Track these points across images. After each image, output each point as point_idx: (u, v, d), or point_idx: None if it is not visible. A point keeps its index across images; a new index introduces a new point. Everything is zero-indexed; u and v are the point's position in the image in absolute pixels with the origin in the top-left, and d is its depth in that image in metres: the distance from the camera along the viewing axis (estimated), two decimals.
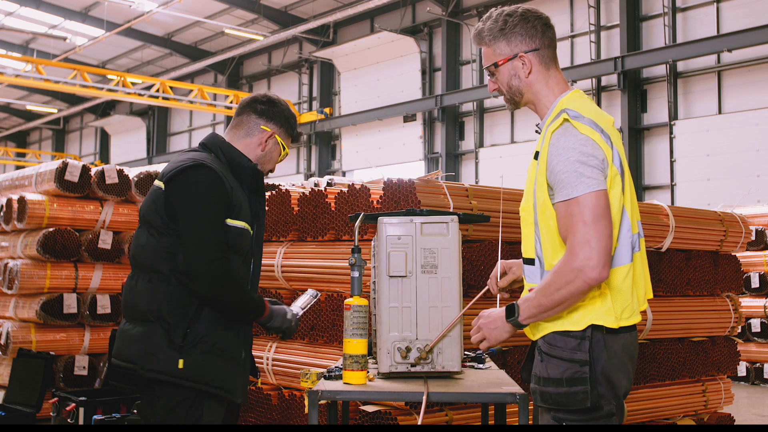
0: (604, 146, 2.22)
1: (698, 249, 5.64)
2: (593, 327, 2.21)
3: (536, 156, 2.29)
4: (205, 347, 2.56)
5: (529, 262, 2.34)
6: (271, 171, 2.93)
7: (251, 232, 2.74)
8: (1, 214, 6.45)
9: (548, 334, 2.25)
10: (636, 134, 15.43)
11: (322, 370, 2.70)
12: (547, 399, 2.22)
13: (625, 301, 2.25)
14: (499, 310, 2.34)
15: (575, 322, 2.22)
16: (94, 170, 6.26)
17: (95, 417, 4.91)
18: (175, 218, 2.58)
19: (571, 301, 2.17)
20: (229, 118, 24.49)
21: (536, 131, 2.40)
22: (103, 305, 6.25)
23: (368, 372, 2.48)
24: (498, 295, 2.62)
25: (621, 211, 2.26)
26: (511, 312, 2.28)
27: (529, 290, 2.31)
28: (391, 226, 2.56)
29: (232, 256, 2.63)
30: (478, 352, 3.09)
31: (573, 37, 17.03)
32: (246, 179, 2.75)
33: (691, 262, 5.56)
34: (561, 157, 2.18)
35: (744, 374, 9.78)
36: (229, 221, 2.63)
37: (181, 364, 2.53)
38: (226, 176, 2.67)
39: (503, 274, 2.59)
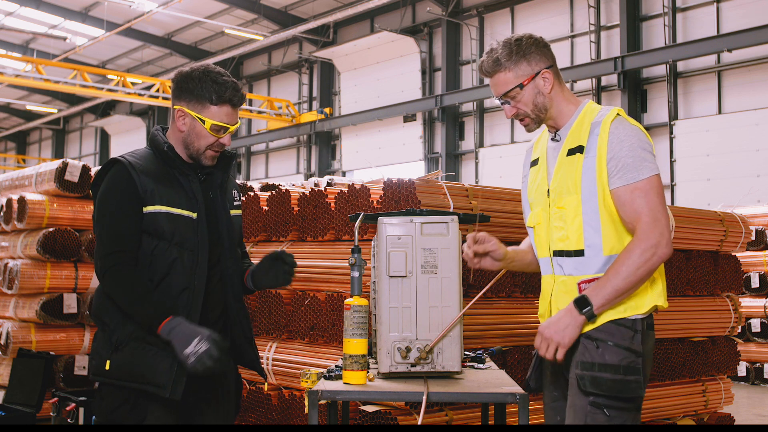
0: (650, 139, 2.42)
1: (698, 249, 5.64)
2: (640, 320, 2.35)
3: (578, 150, 2.41)
4: (135, 344, 2.53)
5: (577, 254, 2.40)
6: (219, 146, 2.65)
7: (189, 216, 2.61)
8: (1, 214, 6.45)
9: (604, 323, 2.34)
10: None
11: (322, 370, 2.69)
12: (600, 385, 2.30)
13: (664, 283, 2.44)
14: (560, 312, 2.37)
15: (637, 306, 2.35)
16: (94, 170, 6.26)
17: (95, 417, 4.91)
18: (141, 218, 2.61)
19: (645, 279, 2.31)
20: None
21: (554, 139, 2.53)
22: None
23: (368, 372, 2.48)
24: (468, 257, 2.58)
25: None
26: (584, 303, 2.32)
27: (580, 282, 2.39)
28: (391, 226, 2.56)
29: (153, 241, 2.56)
30: (479, 352, 3.09)
31: (573, 37, 17.03)
32: (172, 161, 2.64)
33: (691, 262, 5.56)
34: (624, 144, 2.34)
35: (744, 374, 9.78)
36: (146, 209, 2.55)
37: (108, 365, 2.53)
38: (143, 166, 2.59)
39: (482, 241, 2.58)
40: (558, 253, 2.46)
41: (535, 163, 2.60)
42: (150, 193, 2.56)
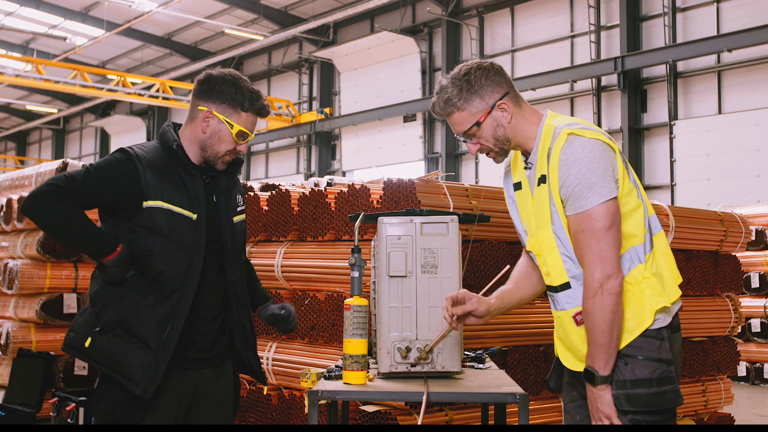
0: (611, 143, 2.29)
1: (698, 249, 5.64)
2: (665, 328, 2.27)
3: (542, 180, 2.32)
4: (121, 332, 2.52)
5: (563, 287, 2.34)
6: (235, 153, 2.67)
7: (189, 216, 2.59)
8: (1, 214, 6.45)
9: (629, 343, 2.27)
10: (636, 134, 15.44)
11: (322, 370, 2.69)
12: (637, 401, 2.22)
13: (662, 281, 2.32)
14: (588, 396, 2.30)
15: (644, 320, 2.26)
16: None
17: (94, 418, 4.91)
18: (105, 206, 2.60)
19: (618, 315, 2.21)
20: None
21: (526, 167, 2.43)
22: None
23: (368, 372, 2.48)
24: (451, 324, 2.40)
25: (639, 201, 2.32)
26: (590, 377, 2.25)
27: (575, 315, 2.33)
28: (391, 226, 2.56)
29: (151, 237, 2.54)
30: (479, 352, 3.09)
31: (573, 37, 17.02)
32: (179, 160, 2.62)
33: (691, 262, 5.55)
34: (572, 170, 2.23)
35: (744, 374, 9.78)
36: (146, 203, 2.53)
37: (88, 342, 2.51)
38: (151, 160, 2.56)
39: (461, 301, 2.39)
40: (549, 288, 2.41)
41: (519, 186, 2.49)
42: (152, 188, 2.55)
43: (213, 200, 2.71)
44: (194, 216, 2.61)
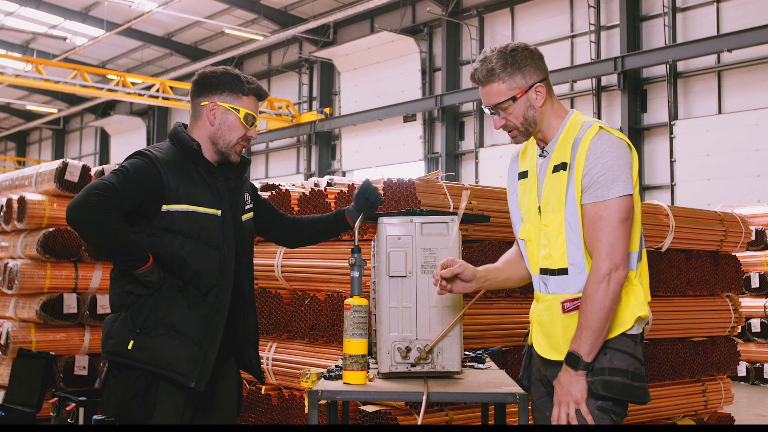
0: (632, 148, 2.40)
1: (698, 249, 5.64)
2: (639, 335, 2.37)
3: (562, 167, 2.39)
4: (162, 330, 2.53)
5: (560, 272, 2.40)
6: (246, 140, 2.72)
7: (214, 213, 2.63)
8: (1, 214, 6.45)
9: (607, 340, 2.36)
10: (636, 134, 15.43)
11: (322, 370, 2.69)
12: (613, 388, 2.30)
13: (646, 291, 2.43)
14: (560, 377, 2.35)
15: (624, 322, 2.35)
16: (94, 170, 6.26)
17: (95, 417, 4.91)
18: (128, 212, 2.57)
19: (615, 305, 2.32)
20: None
21: (541, 155, 2.49)
22: (103, 305, 6.25)
23: (368, 372, 2.48)
24: (439, 283, 2.40)
25: (639, 213, 2.41)
26: (574, 360, 2.31)
27: (564, 301, 2.38)
28: (391, 226, 2.56)
29: (179, 239, 2.56)
30: (479, 352, 3.09)
31: (573, 37, 17.02)
32: (198, 159, 2.66)
33: (691, 262, 5.55)
34: (600, 160, 2.32)
35: (744, 374, 9.78)
36: (166, 207, 2.55)
37: (131, 345, 2.52)
38: (170, 162, 2.58)
39: (449, 266, 2.41)
40: (543, 271, 2.45)
41: (524, 175, 2.56)
42: (174, 191, 2.57)
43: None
44: (219, 212, 2.65)
